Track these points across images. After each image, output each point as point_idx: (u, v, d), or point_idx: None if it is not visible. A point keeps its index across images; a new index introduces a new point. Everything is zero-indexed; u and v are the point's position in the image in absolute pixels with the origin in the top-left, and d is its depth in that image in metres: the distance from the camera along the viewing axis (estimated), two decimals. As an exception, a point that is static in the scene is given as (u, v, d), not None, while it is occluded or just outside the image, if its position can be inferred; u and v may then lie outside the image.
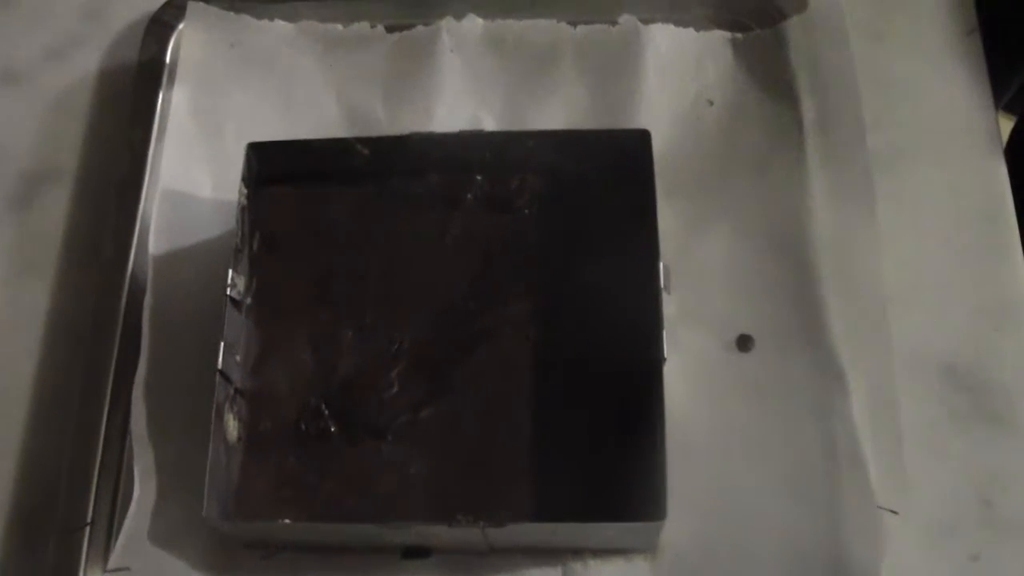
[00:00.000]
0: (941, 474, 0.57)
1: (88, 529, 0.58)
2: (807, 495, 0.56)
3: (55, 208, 0.68)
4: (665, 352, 0.54)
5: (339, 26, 0.70)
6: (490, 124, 0.67)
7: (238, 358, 0.59)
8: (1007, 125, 0.82)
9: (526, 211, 0.62)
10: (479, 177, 0.63)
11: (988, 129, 0.66)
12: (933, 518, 0.56)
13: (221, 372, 0.56)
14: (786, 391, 0.59)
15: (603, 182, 0.61)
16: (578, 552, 0.56)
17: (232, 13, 0.69)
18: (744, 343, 0.60)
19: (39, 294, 0.65)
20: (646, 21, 0.68)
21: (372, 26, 0.70)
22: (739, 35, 0.68)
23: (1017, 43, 0.80)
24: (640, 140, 0.59)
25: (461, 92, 0.68)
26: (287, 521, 0.56)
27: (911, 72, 0.68)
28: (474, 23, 0.69)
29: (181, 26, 0.70)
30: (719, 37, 0.68)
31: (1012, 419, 0.58)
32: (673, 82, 0.67)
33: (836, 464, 0.56)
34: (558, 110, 0.67)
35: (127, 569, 0.56)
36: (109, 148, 0.68)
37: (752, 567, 0.55)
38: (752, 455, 0.57)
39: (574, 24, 0.68)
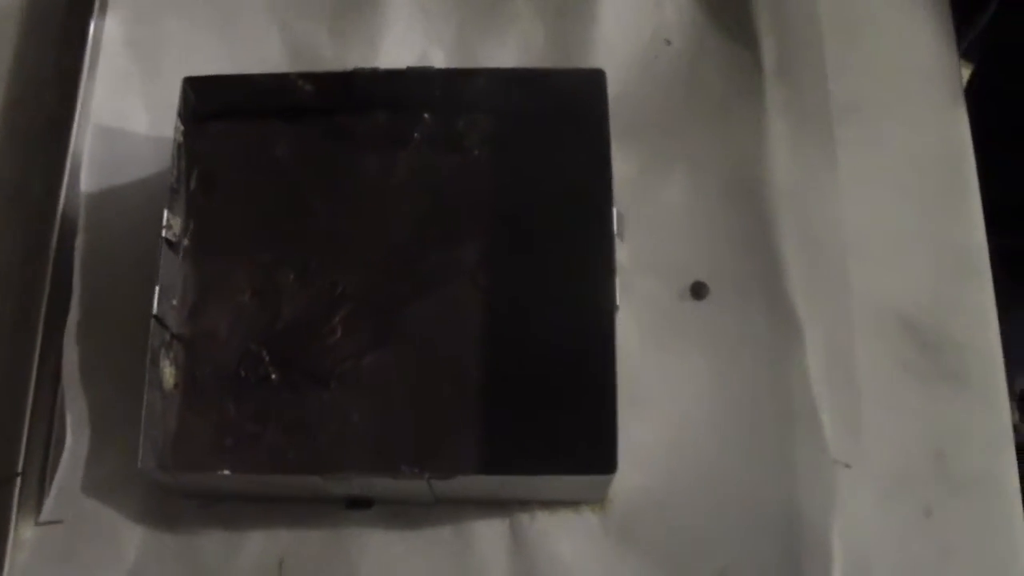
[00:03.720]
0: (896, 428, 0.56)
1: (19, 479, 0.56)
2: (760, 447, 0.55)
3: (-21, 144, 0.65)
4: (618, 300, 0.52)
5: (282, -46, 0.67)
6: (439, 61, 0.65)
7: (174, 302, 0.57)
8: (964, 72, 0.80)
9: (475, 151, 0.60)
10: (427, 115, 0.61)
11: (950, 76, 0.64)
12: (886, 472, 0.55)
13: (156, 317, 0.54)
14: (741, 341, 0.57)
15: (556, 123, 0.59)
16: (526, 503, 0.55)
17: (169, -62, 0.66)
18: (698, 291, 0.59)
19: (-37, 234, 0.63)
20: (603, -44, 0.65)
21: (317, -45, 0.67)
22: (698, -27, 0.66)
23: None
24: (595, 80, 0.57)
25: (409, 27, 0.65)
26: (227, 472, 0.54)
27: (874, 16, 0.66)
28: (423, -47, 0.66)
29: (114, -50, 0.66)
30: (678, -26, 0.66)
31: (967, 374, 0.58)
32: (630, 20, 0.65)
33: (790, 416, 0.56)
34: (511, 48, 0.65)
35: (60, 522, 0.55)
36: (37, 80, 0.65)
37: (704, 519, 0.54)
38: (705, 405, 0.56)
39: (528, -44, 0.66)
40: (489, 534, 0.55)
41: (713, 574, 0.53)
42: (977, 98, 0.74)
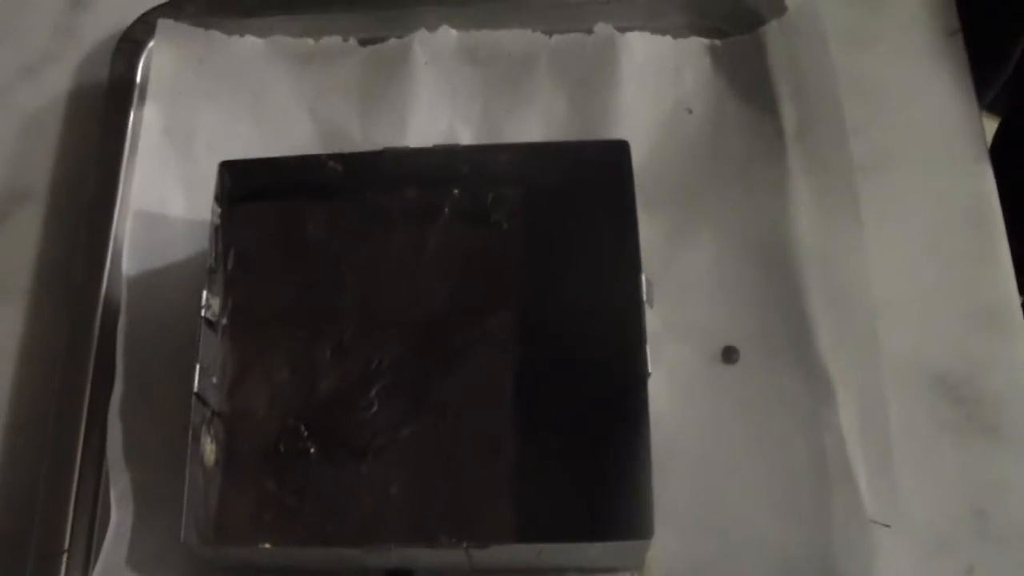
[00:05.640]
0: (933, 486, 0.56)
1: (65, 556, 0.57)
2: (797, 510, 0.55)
3: (26, 229, 0.67)
4: (649, 367, 0.53)
5: (310, 40, 0.69)
6: (466, 136, 0.66)
7: (214, 380, 0.58)
8: (991, 125, 0.81)
9: (504, 225, 0.61)
10: (456, 191, 0.62)
11: (972, 132, 0.65)
12: (926, 531, 0.55)
13: (197, 395, 0.55)
14: (773, 403, 0.58)
15: (582, 194, 0.61)
16: (564, 572, 0.55)
17: (202, 30, 0.69)
18: (729, 355, 0.59)
19: (11, 318, 0.65)
20: (623, 29, 0.67)
21: (344, 40, 0.69)
22: (717, 42, 0.67)
23: (1000, 41, 0.79)
24: (619, 151, 0.58)
25: (436, 105, 0.67)
26: (267, 546, 0.55)
27: (893, 75, 0.67)
28: (448, 35, 0.68)
29: (151, 44, 0.69)
30: (697, 44, 0.68)
31: (1003, 428, 0.57)
32: (651, 91, 0.66)
33: (826, 478, 0.55)
34: (535, 121, 0.66)
35: (105, 599, 0.55)
36: (80, 168, 0.67)
37: (742, 584, 0.54)
38: (740, 469, 0.56)
39: (549, 34, 0.68)
40: (528, 603, 0.55)
41: (753, 639, 0.53)
42: (1006, 148, 0.75)
